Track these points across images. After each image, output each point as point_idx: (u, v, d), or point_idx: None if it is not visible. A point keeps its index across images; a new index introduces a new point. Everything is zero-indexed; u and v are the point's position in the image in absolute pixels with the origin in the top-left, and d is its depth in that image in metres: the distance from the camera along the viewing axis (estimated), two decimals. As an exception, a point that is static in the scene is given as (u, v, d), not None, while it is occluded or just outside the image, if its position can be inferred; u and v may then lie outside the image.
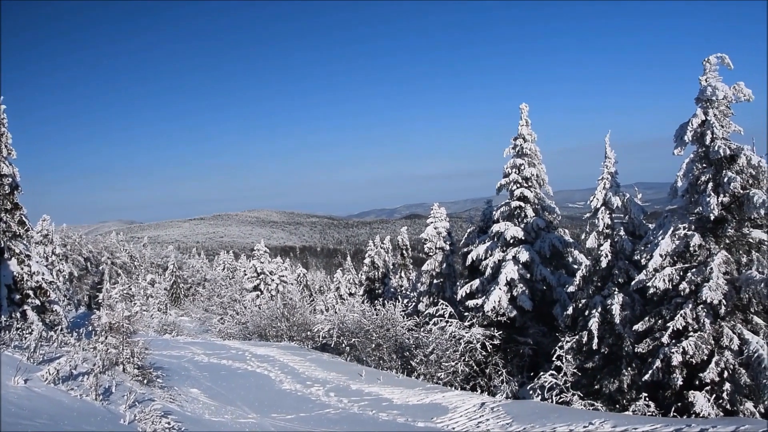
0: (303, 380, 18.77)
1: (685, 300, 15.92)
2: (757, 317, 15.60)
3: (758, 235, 15.64)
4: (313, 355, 23.85)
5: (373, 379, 19.07)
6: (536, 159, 23.93)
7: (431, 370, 20.89)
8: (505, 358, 22.34)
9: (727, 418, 13.43)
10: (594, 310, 18.79)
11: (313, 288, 72.56)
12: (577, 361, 18.61)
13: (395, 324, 22.79)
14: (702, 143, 16.12)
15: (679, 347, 15.25)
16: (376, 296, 41.67)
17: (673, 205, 17.24)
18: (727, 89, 15.75)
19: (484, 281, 23.54)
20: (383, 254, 49.53)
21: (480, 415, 14.38)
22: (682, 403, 15.43)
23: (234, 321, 35.30)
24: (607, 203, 19.47)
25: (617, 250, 19.15)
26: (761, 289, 14.68)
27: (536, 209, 23.76)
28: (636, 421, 11.99)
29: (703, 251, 16.05)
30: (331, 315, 25.63)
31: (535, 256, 22.76)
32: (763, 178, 15.52)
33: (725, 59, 15.81)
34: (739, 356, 15.10)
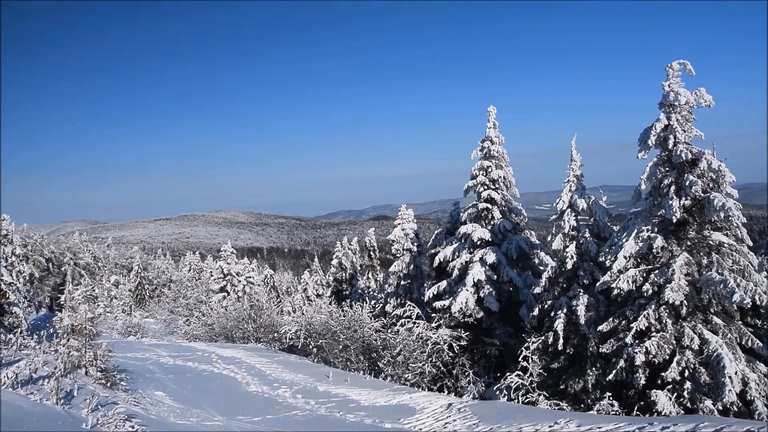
0: (270, 382, 18.68)
1: (648, 301, 16.21)
2: (717, 317, 15.96)
3: (718, 237, 16.00)
4: (280, 356, 23.75)
5: (341, 380, 19.07)
6: (503, 161, 24.11)
7: (398, 372, 20.94)
8: (472, 359, 22.48)
9: (688, 416, 13.71)
10: (559, 311, 19.01)
11: (280, 289, 72.14)
12: (542, 361, 18.81)
13: (363, 325, 22.80)
14: (665, 147, 16.43)
15: (642, 347, 15.52)
16: (343, 297, 41.61)
17: (637, 207, 17.55)
18: (689, 95, 16.10)
19: (452, 282, 23.65)
20: (351, 255, 49.51)
21: (447, 416, 14.48)
22: (644, 402, 15.71)
23: (200, 323, 35.00)
24: (573, 205, 19.71)
25: (582, 251, 19.40)
26: (720, 290, 15.01)
27: (503, 211, 23.95)
28: (600, 420, 12.19)
29: (666, 253, 16.36)
30: (298, 316, 25.58)
31: (502, 257, 22.94)
32: (723, 181, 15.88)
33: (687, 65, 16.16)
34: (699, 355, 15.43)
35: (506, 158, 24.20)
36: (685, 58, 16.18)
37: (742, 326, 16.03)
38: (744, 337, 15.76)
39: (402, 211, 30.27)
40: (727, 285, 14.79)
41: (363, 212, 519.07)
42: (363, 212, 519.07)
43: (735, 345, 15.60)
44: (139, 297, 63.06)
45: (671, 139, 16.16)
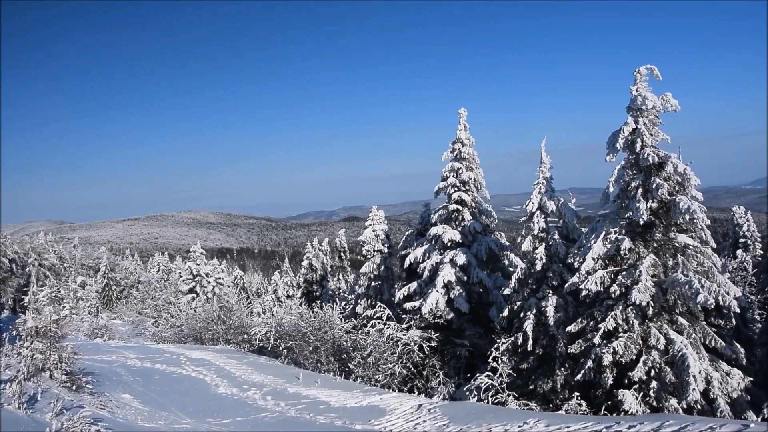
0: (239, 384, 18.55)
1: (615, 302, 16.44)
2: (682, 318, 16.24)
3: (683, 239, 16.30)
4: (249, 358, 23.60)
5: (311, 382, 19.01)
6: (474, 163, 24.25)
7: (369, 373, 20.94)
8: (442, 359, 22.56)
9: (653, 414, 13.91)
10: (529, 312, 19.18)
11: (250, 290, 71.68)
12: (512, 362, 18.96)
13: (333, 326, 22.76)
14: (632, 150, 16.68)
15: (610, 347, 15.74)
16: (313, 298, 41.51)
17: (605, 209, 17.79)
18: (656, 99, 16.39)
19: (422, 284, 23.72)
20: (321, 256, 49.38)
21: (417, 417, 14.52)
22: (612, 402, 15.92)
23: (169, 324, 34.62)
24: (542, 207, 19.90)
25: (551, 253, 19.59)
26: (686, 291, 15.28)
27: (473, 213, 24.09)
28: (569, 420, 12.33)
29: (633, 255, 16.60)
30: (268, 318, 25.43)
31: (472, 259, 23.06)
32: (688, 184, 16.18)
33: (654, 70, 16.44)
34: (665, 355, 15.69)
35: (477, 160, 24.35)
36: (655, 62, 16.47)
37: (705, 326, 16.33)
38: (708, 337, 16.06)
39: (373, 212, 30.28)
40: (691, 286, 15.07)
41: (334, 213, 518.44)
42: (334, 213, 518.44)
43: (699, 345, 15.90)
44: (107, 298, 62.16)
45: (639, 143, 16.42)
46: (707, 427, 9.78)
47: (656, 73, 16.44)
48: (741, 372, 16.21)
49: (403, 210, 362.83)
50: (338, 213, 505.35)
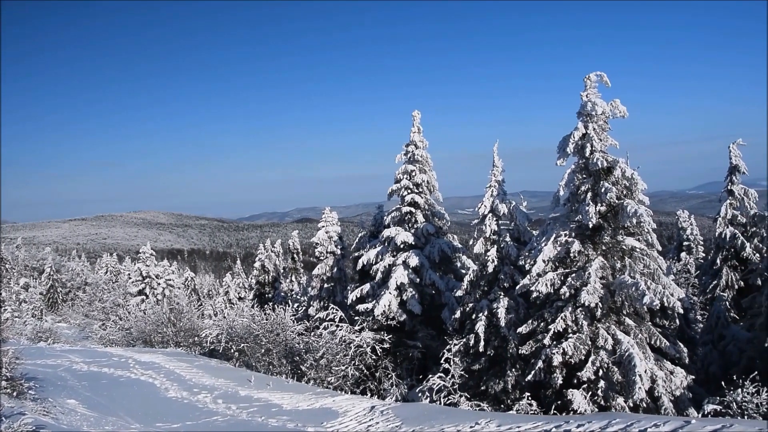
0: (190, 387, 18.26)
1: (565, 303, 16.74)
2: (629, 319, 16.65)
3: (631, 242, 16.71)
4: (200, 361, 23.25)
5: (263, 384, 18.83)
6: (427, 165, 24.42)
7: (321, 375, 20.86)
8: (395, 361, 22.64)
9: (601, 413, 14.22)
10: (481, 313, 19.38)
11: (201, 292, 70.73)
12: (464, 363, 19.13)
13: (285, 329, 22.60)
14: (582, 155, 17.02)
15: (560, 348, 16.02)
16: (266, 300, 41.17)
17: (555, 213, 18.10)
18: (605, 105, 16.77)
19: (375, 285, 23.76)
20: (274, 258, 49.01)
21: (370, 419, 14.51)
22: (561, 401, 16.20)
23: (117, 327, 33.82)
24: (494, 210, 20.14)
25: (503, 255, 19.84)
26: (633, 293, 15.67)
27: (426, 215, 24.23)
28: (519, 420, 12.49)
29: (582, 257, 16.94)
30: (219, 320, 25.05)
31: (425, 261, 23.20)
32: (636, 189, 16.60)
33: (604, 77, 16.83)
34: (613, 355, 16.06)
35: (430, 162, 24.52)
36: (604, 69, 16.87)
37: (651, 327, 16.79)
38: (653, 337, 16.51)
39: (326, 213, 30.20)
40: (638, 288, 15.46)
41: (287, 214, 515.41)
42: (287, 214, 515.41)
43: (645, 345, 16.33)
44: (51, 301, 60.51)
45: (588, 148, 16.76)
46: (652, 424, 10.04)
47: (605, 80, 16.84)
48: (684, 370, 16.73)
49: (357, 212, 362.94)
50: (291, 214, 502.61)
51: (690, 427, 9.57)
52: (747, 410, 13.90)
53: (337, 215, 30.67)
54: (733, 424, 9.50)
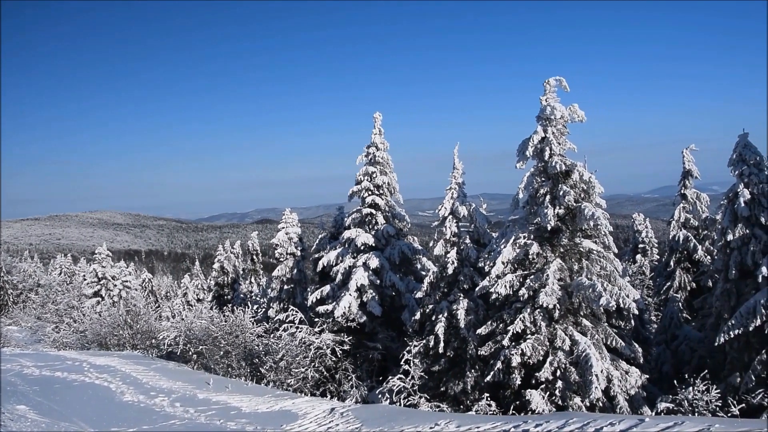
0: (146, 391, 17.96)
1: (524, 305, 16.94)
2: (586, 320, 16.93)
3: (588, 244, 17.00)
4: (157, 364, 22.89)
5: (221, 387, 18.62)
6: (388, 167, 24.46)
7: (281, 377, 20.73)
8: (355, 363, 22.61)
9: (559, 413, 14.43)
10: (440, 315, 19.47)
11: (159, 294, 69.64)
12: (424, 364, 19.20)
13: (245, 330, 22.39)
14: (541, 158, 17.26)
15: (518, 349, 16.21)
16: (225, 302, 40.78)
17: (514, 215, 18.31)
18: (564, 110, 17.05)
19: (335, 287, 23.71)
20: (233, 259, 48.56)
21: (330, 421, 14.48)
22: (520, 402, 16.39)
23: (71, 329, 33.06)
24: (455, 212, 20.25)
25: (463, 257, 19.97)
26: (590, 294, 15.94)
27: (387, 217, 24.27)
28: (479, 420, 12.60)
29: (541, 259, 17.17)
30: (177, 322, 24.69)
31: (385, 262, 23.24)
32: (593, 192, 16.90)
33: (563, 82, 17.10)
34: (570, 356, 16.31)
35: (391, 164, 24.57)
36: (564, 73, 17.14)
37: (607, 327, 17.09)
38: (609, 338, 16.82)
39: (286, 214, 30.04)
40: (595, 289, 15.72)
41: (247, 215, 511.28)
42: (247, 215, 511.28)
43: (601, 345, 16.62)
44: (1, 303, 58.81)
45: (547, 151, 17.00)
46: (607, 423, 10.24)
47: (564, 85, 17.11)
48: (638, 370, 17.08)
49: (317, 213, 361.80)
50: (251, 215, 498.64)
51: (644, 425, 9.79)
52: (697, 407, 14.27)
53: (297, 216, 30.54)
54: (684, 421, 9.76)
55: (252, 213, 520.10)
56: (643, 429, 9.62)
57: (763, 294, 16.41)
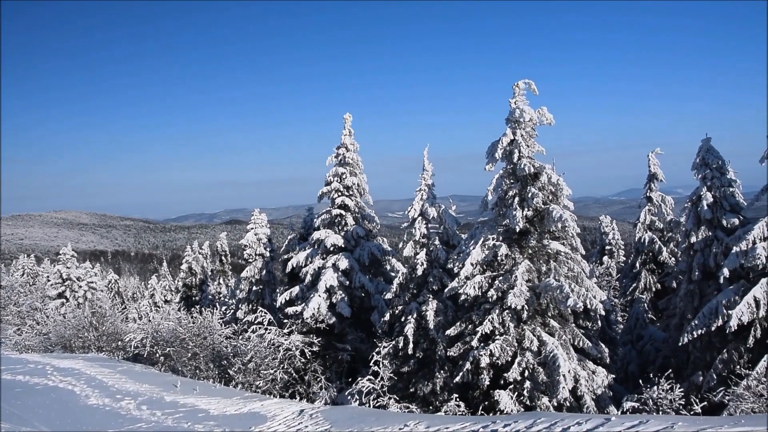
0: (112, 394, 17.71)
1: (492, 306, 17.06)
2: (553, 320, 17.11)
3: (556, 246, 17.19)
4: (123, 366, 22.58)
5: (189, 389, 18.45)
6: (358, 168, 24.46)
7: (250, 379, 20.60)
8: (324, 364, 22.56)
9: (527, 413, 14.55)
10: (410, 316, 19.52)
11: (125, 295, 68.70)
12: (393, 365, 19.22)
13: (213, 332, 22.22)
14: (510, 160, 17.41)
15: (487, 350, 16.31)
16: (193, 303, 40.38)
17: (484, 217, 18.45)
18: (533, 112, 17.22)
19: (304, 288, 23.63)
20: (201, 260, 48.10)
21: (299, 423, 14.44)
22: (488, 402, 16.50)
23: (34, 332, 32.48)
24: (424, 214, 20.32)
25: (432, 258, 20.04)
26: (557, 295, 16.10)
27: (356, 218, 24.26)
28: (448, 421, 12.66)
29: (509, 260, 17.30)
30: (144, 323, 24.42)
31: (355, 263, 23.23)
32: (561, 194, 17.10)
33: (532, 85, 17.28)
34: (538, 356, 16.46)
35: (361, 165, 24.58)
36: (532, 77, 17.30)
37: (575, 328, 17.31)
38: (576, 338, 17.03)
39: (255, 215, 29.87)
40: (563, 290, 15.90)
41: (215, 216, 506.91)
42: (215, 216, 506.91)
43: (569, 346, 16.81)
44: (-40, 305, 57.53)
45: (516, 153, 17.15)
46: (574, 422, 10.36)
47: (533, 88, 17.29)
48: (605, 370, 17.32)
49: (287, 214, 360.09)
50: (220, 216, 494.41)
51: (610, 424, 9.93)
52: (662, 406, 14.50)
53: (266, 217, 30.40)
54: (649, 419, 9.93)
55: (221, 213, 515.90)
56: (609, 428, 9.75)
57: (724, 295, 16.75)
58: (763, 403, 13.29)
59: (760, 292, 15.79)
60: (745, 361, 16.33)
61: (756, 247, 15.82)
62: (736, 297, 16.37)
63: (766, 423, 9.07)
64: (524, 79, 17.35)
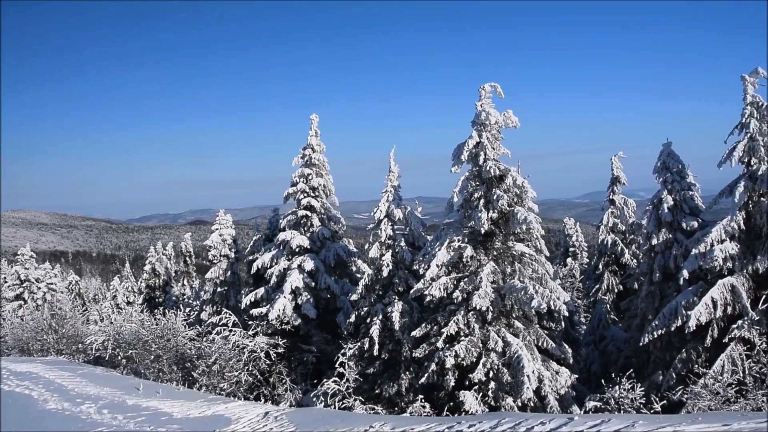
0: (72, 398, 17.36)
1: (458, 307, 17.14)
2: (518, 321, 17.27)
3: (520, 248, 17.36)
4: (84, 369, 22.18)
5: (152, 392, 18.18)
6: (324, 169, 24.41)
7: (214, 381, 20.38)
8: (290, 366, 22.45)
9: (492, 413, 14.64)
10: (375, 317, 19.54)
11: (87, 297, 67.51)
12: (359, 367, 19.19)
13: (176, 334, 21.93)
14: (476, 163, 17.54)
15: (452, 351, 16.40)
16: (156, 305, 39.85)
17: (449, 218, 18.55)
18: (498, 115, 17.37)
19: (269, 290, 23.49)
20: (165, 261, 47.54)
21: (264, 425, 14.33)
22: (454, 403, 16.58)
23: (-12, 335, 31.79)
24: (390, 215, 20.36)
25: (398, 260, 20.09)
26: (522, 297, 16.26)
27: (322, 219, 24.20)
28: (413, 422, 12.67)
29: (475, 262, 17.42)
30: (106, 325, 24.02)
31: (320, 265, 23.16)
32: (526, 197, 17.27)
33: (497, 88, 17.43)
34: (503, 357, 16.60)
35: (327, 166, 24.53)
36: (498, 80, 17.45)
37: (539, 329, 17.50)
38: (540, 339, 17.22)
39: (220, 216, 29.61)
40: (527, 292, 16.05)
41: (180, 216, 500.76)
42: (180, 216, 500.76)
43: (533, 346, 16.99)
44: None
45: (482, 156, 17.28)
46: (538, 422, 10.46)
47: (499, 91, 17.44)
48: (568, 370, 17.54)
49: (252, 215, 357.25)
50: (184, 216, 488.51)
51: (573, 423, 10.05)
52: (623, 405, 14.70)
53: (231, 218, 30.15)
54: (610, 418, 10.07)
55: (185, 214, 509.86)
56: (572, 428, 9.87)
57: (684, 296, 17.08)
58: (719, 400, 13.57)
59: (718, 293, 16.12)
60: (703, 360, 16.66)
61: (714, 249, 16.15)
62: (694, 298, 16.68)
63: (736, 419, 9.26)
64: (490, 82, 17.50)
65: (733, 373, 14.79)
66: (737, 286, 16.07)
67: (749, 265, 16.25)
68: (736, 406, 13.48)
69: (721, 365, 15.49)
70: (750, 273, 16.32)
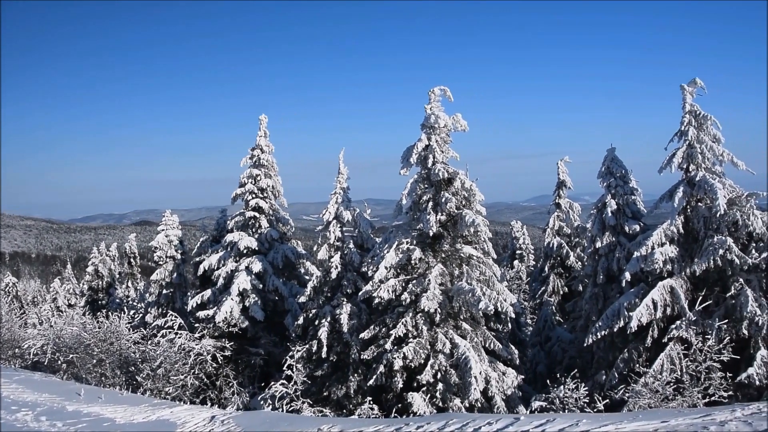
0: (7, 405, 16.74)
1: (406, 309, 17.22)
2: (466, 323, 17.45)
3: (468, 250, 17.54)
4: (21, 375, 21.45)
5: (94, 398, 17.73)
6: (273, 170, 24.24)
7: (159, 385, 19.99)
8: (237, 369, 22.19)
9: (439, 414, 14.75)
10: (324, 319, 19.48)
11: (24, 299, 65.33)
12: (307, 369, 19.11)
13: (120, 337, 21.42)
14: (425, 165, 17.65)
15: (401, 353, 16.46)
16: (99, 307, 38.89)
17: (398, 221, 18.63)
18: (448, 119, 17.53)
19: (216, 292, 23.19)
20: (109, 262, 46.41)
21: (210, 429, 14.15)
22: (402, 404, 16.64)
23: None
24: (339, 217, 20.34)
25: (347, 262, 20.07)
26: (469, 298, 16.42)
27: (271, 220, 24.02)
28: (361, 424, 12.69)
29: (423, 264, 17.53)
30: (45, 329, 23.28)
31: (268, 266, 22.98)
32: (474, 200, 17.47)
33: (447, 92, 17.59)
34: (450, 359, 16.74)
35: (276, 167, 24.37)
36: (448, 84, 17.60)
37: (486, 331, 17.71)
38: (488, 341, 17.43)
39: (166, 216, 29.07)
40: (475, 294, 16.23)
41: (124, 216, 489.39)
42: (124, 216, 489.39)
43: (480, 348, 17.18)
44: None
45: (431, 159, 17.41)
46: (485, 422, 10.59)
47: (449, 95, 17.60)
48: (515, 371, 17.81)
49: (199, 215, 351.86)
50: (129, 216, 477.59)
51: (519, 423, 10.21)
52: (568, 404, 14.99)
53: (178, 218, 29.66)
54: (555, 418, 10.28)
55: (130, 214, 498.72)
56: (519, 427, 10.02)
57: (626, 297, 17.50)
58: (659, 398, 13.96)
59: (658, 295, 16.58)
60: (643, 359, 17.09)
61: (654, 252, 16.61)
62: (636, 299, 17.11)
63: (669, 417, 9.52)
64: (440, 85, 17.65)
65: (672, 372, 15.22)
66: (676, 287, 16.56)
67: (687, 267, 16.76)
68: (674, 403, 13.89)
69: (661, 364, 15.92)
70: (688, 275, 16.84)
